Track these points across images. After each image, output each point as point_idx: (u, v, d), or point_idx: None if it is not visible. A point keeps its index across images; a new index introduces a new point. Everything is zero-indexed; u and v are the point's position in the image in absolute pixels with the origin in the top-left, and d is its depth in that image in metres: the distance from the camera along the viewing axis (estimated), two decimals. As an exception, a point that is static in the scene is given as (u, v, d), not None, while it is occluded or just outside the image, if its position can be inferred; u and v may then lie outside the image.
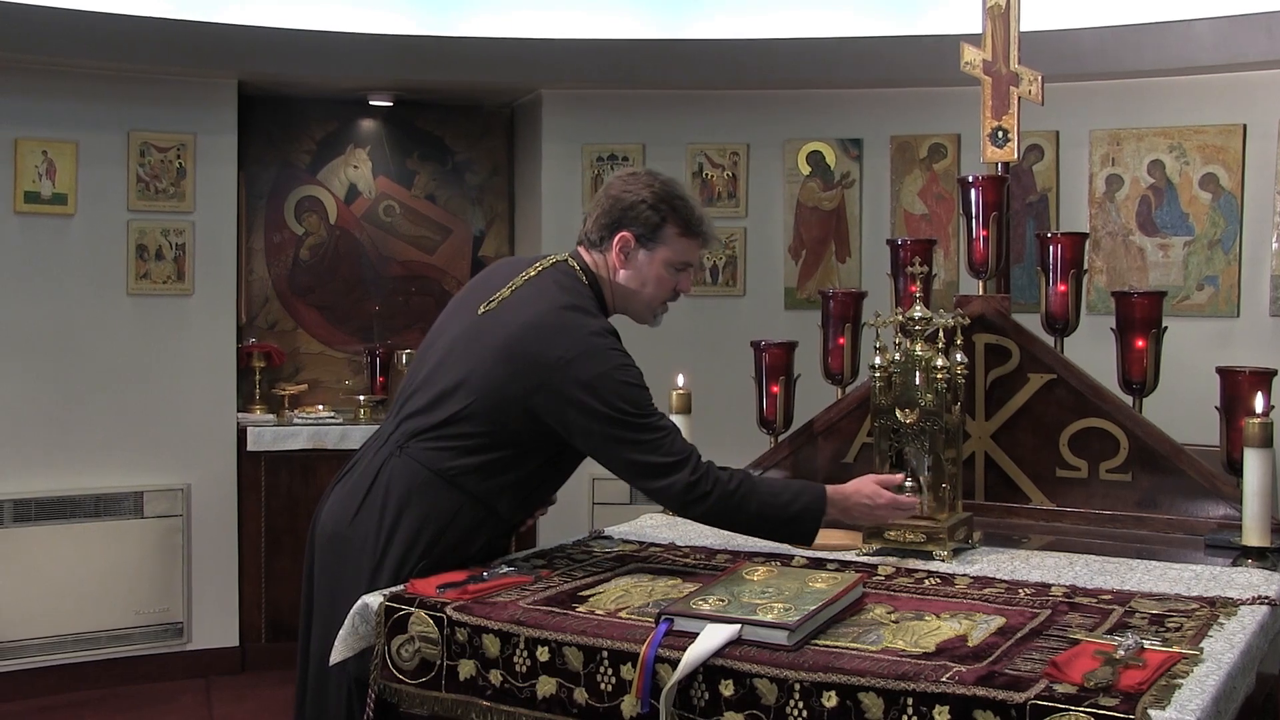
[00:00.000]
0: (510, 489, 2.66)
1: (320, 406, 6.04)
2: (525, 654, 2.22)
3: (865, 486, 2.78)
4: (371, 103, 6.27)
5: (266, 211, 6.17)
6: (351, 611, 2.44)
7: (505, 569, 2.57)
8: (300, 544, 2.98)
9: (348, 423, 5.87)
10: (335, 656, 2.44)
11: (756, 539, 2.76)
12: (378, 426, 2.88)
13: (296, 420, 5.85)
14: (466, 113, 6.43)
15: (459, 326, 2.72)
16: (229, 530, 5.71)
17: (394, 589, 2.46)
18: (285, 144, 6.19)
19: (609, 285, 2.78)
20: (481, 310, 2.70)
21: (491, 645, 2.26)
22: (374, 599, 2.42)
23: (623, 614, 2.28)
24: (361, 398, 6.04)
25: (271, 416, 5.88)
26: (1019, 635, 2.13)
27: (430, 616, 2.34)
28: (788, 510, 2.65)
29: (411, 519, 2.60)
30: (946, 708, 1.86)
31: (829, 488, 2.73)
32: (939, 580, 2.57)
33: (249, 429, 5.72)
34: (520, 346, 2.58)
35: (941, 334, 2.87)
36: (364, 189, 6.32)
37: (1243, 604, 2.37)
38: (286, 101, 6.13)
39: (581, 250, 2.82)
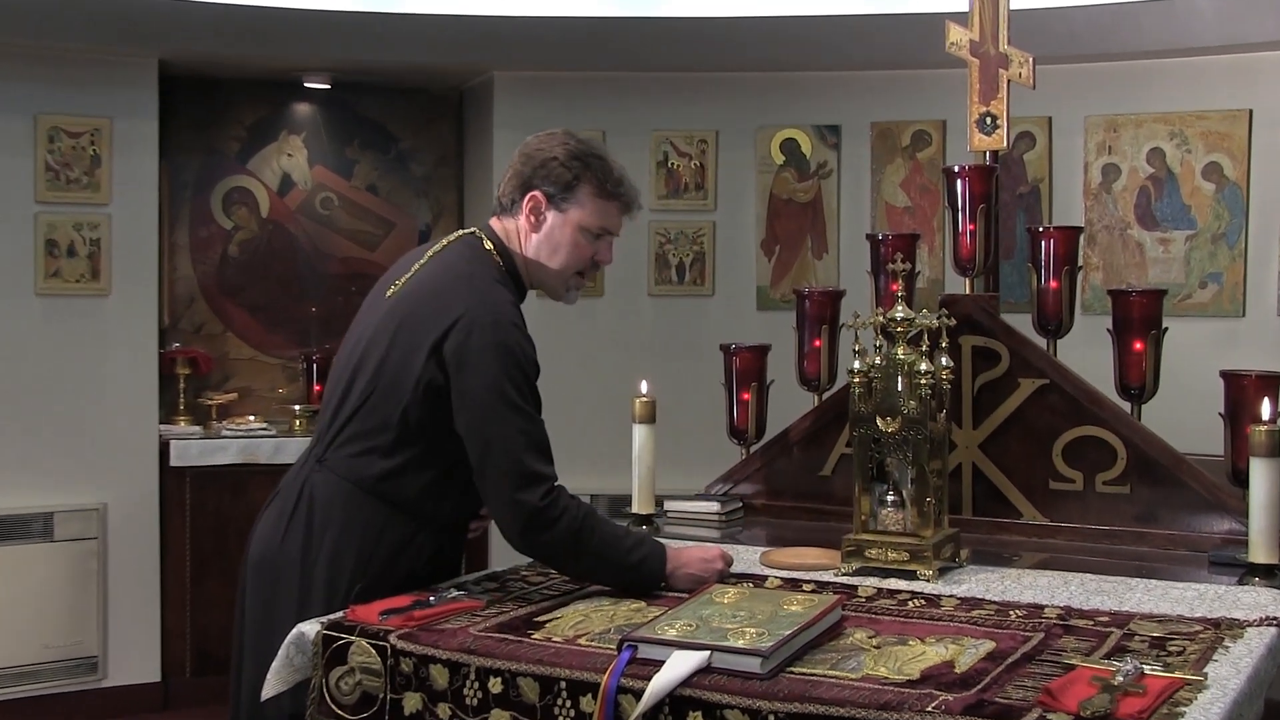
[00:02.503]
0: (436, 491, 2.64)
1: (251, 417, 6.01)
2: (476, 685, 2.21)
3: (701, 549, 2.76)
4: (307, 85, 6.25)
5: (191, 204, 6.13)
6: (286, 641, 2.42)
7: (454, 593, 2.56)
8: (230, 567, 2.97)
9: (282, 435, 5.84)
10: (268, 691, 2.43)
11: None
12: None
13: (225, 433, 5.81)
14: (411, 96, 6.42)
15: (370, 319, 2.73)
16: (150, 554, 5.66)
17: (332, 616, 2.45)
18: (212, 130, 6.16)
19: (520, 255, 2.78)
20: (388, 293, 2.72)
21: (440, 676, 2.25)
22: (310, 627, 2.41)
23: (582, 641, 2.28)
24: (297, 408, 6.01)
25: (198, 429, 5.85)
26: (1010, 661, 2.15)
27: (372, 646, 2.33)
28: (630, 557, 2.60)
29: (334, 538, 2.61)
30: (932, 739, 1.87)
31: (668, 546, 2.70)
32: (924, 602, 2.58)
33: (172, 442, 5.68)
34: (413, 318, 2.59)
35: (925, 336, 2.89)
36: (299, 179, 6.30)
37: (1250, 625, 2.39)
38: (213, 83, 6.10)
39: (494, 221, 2.81)
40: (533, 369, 2.60)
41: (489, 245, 2.76)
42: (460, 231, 2.83)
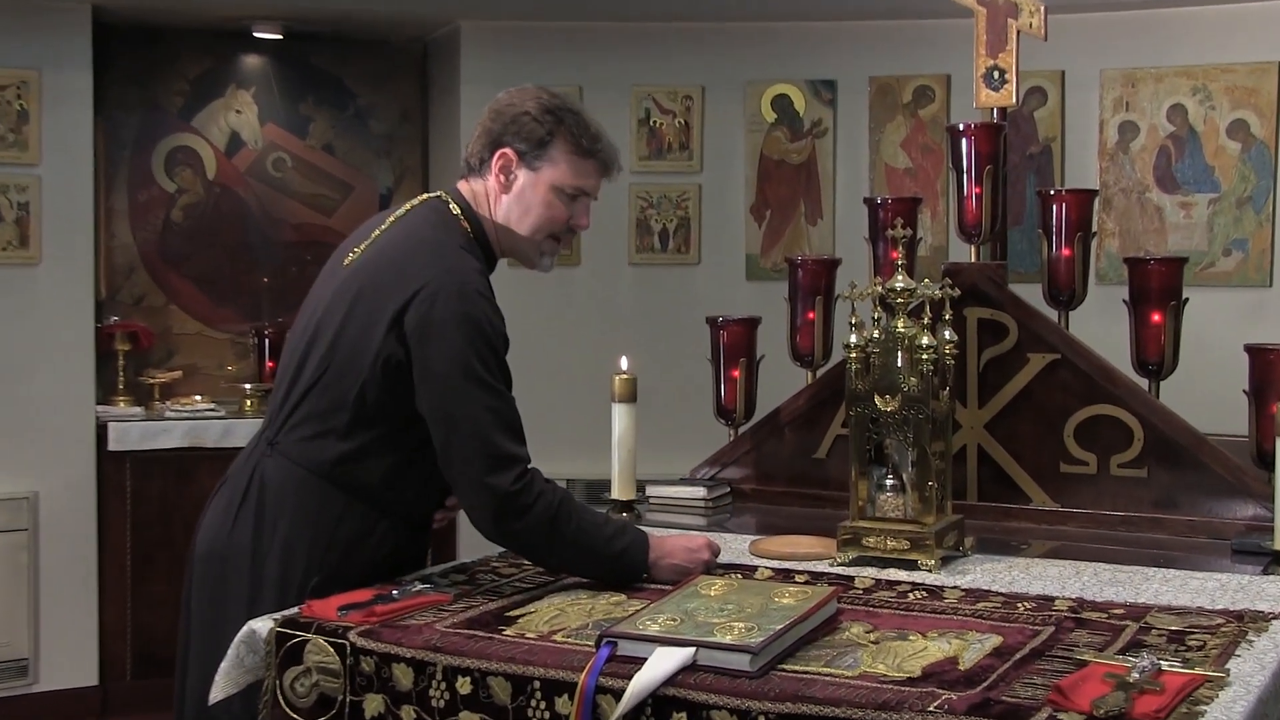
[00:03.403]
0: (397, 478, 2.65)
1: (198, 397, 6.00)
2: (443, 686, 2.22)
3: (686, 539, 2.76)
4: (256, 35, 6.21)
5: (130, 165, 6.10)
6: (235, 640, 2.42)
7: (419, 586, 2.56)
8: (176, 560, 2.97)
9: (231, 416, 5.83)
10: (217, 693, 2.43)
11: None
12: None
13: (169, 414, 5.80)
14: (370, 48, 6.39)
15: (327, 290, 2.72)
16: (87, 546, 5.65)
17: (287, 612, 2.45)
18: (152, 84, 6.12)
19: (490, 220, 2.78)
20: (346, 262, 2.71)
21: (403, 676, 2.26)
22: (262, 624, 2.41)
23: (557, 637, 2.28)
24: (248, 387, 6.00)
25: (139, 410, 5.83)
26: (1018, 656, 2.16)
27: (330, 644, 2.33)
28: (610, 546, 2.61)
29: (287, 527, 2.61)
30: (934, 741, 1.88)
31: (650, 534, 2.70)
32: (925, 594, 2.59)
33: (111, 425, 5.66)
34: (372, 288, 2.58)
35: (927, 308, 2.89)
36: (249, 138, 6.27)
37: (1275, 618, 2.40)
38: (153, 32, 6.06)
39: (461, 183, 2.81)
40: (501, 342, 2.59)
41: (456, 209, 2.75)
42: (425, 195, 2.83)
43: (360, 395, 2.59)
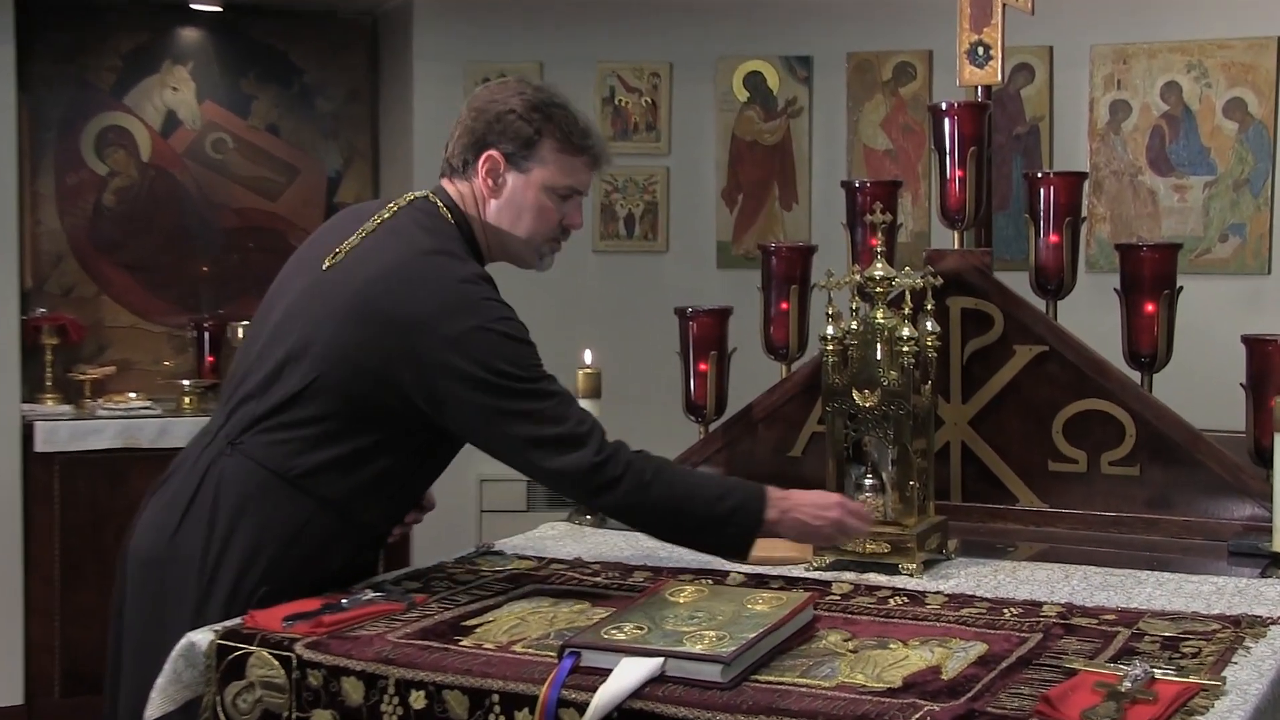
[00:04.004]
0: (371, 490, 2.65)
1: (132, 395, 5.97)
2: (396, 700, 2.22)
3: (817, 494, 2.80)
4: (194, 7, 6.19)
5: (58, 146, 6.06)
6: (173, 653, 2.41)
7: (370, 594, 2.56)
8: (108, 570, 2.95)
9: (168, 415, 5.80)
10: (153, 710, 2.41)
11: (682, 549, 2.78)
12: (207, 419, 2.86)
13: (101, 412, 5.77)
14: (317, 22, 6.36)
15: (299, 287, 2.71)
16: (11, 555, 5.61)
17: (228, 623, 2.44)
18: (81, 59, 6.08)
19: (479, 222, 2.78)
20: (327, 264, 2.69)
21: (353, 691, 2.25)
22: (202, 636, 2.40)
23: (518, 648, 2.29)
24: (186, 383, 5.98)
25: (68, 408, 5.80)
26: (1004, 665, 2.17)
27: (275, 657, 2.32)
28: (716, 509, 2.66)
29: (247, 533, 2.59)
30: (916, 755, 1.89)
31: (770, 488, 2.75)
32: (906, 599, 2.61)
33: (38, 424, 5.63)
34: (372, 304, 2.57)
35: (908, 297, 2.91)
36: (186, 118, 6.24)
37: (1274, 623, 2.42)
38: (82, 4, 6.02)
39: (445, 183, 2.81)
40: (518, 331, 2.61)
41: (445, 212, 2.75)
42: (410, 195, 2.80)
43: (353, 411, 2.59)
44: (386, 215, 2.74)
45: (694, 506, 2.65)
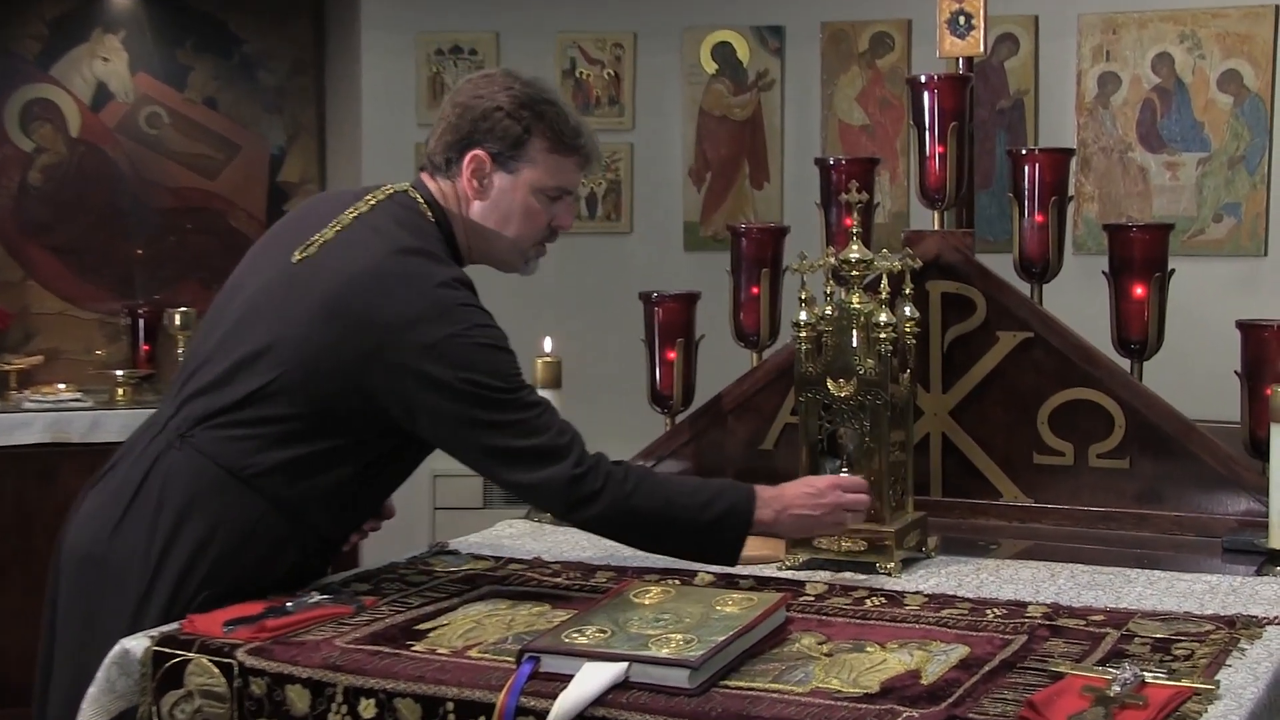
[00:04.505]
0: (329, 495, 2.64)
1: (62, 386, 5.93)
2: (344, 709, 2.21)
3: (804, 483, 2.82)
4: (126, -27, 6.15)
5: (-20, 121, 6.03)
6: (106, 661, 2.40)
7: (317, 597, 2.55)
8: (36, 572, 2.93)
9: (101, 407, 5.77)
10: (85, 721, 2.41)
11: (660, 556, 2.78)
12: (144, 412, 2.85)
13: (28, 405, 5.73)
14: (257, -12, 6.34)
15: (265, 277, 2.69)
16: (-66, 556, 5.59)
17: (166, 628, 2.43)
18: (3, 27, 6.03)
19: (461, 222, 2.78)
20: (297, 257, 2.67)
21: (299, 699, 2.25)
22: (137, 643, 2.39)
23: (473, 652, 2.29)
24: (120, 373, 5.94)
25: (-6, 400, 5.77)
26: (986, 669, 2.18)
27: (215, 664, 2.31)
28: (703, 515, 2.66)
29: (194, 532, 2.57)
30: (894, 764, 1.90)
31: (759, 487, 2.75)
32: (884, 600, 2.61)
33: (-40, 417, 5.60)
34: (346, 303, 2.57)
35: (886, 281, 2.91)
36: (118, 90, 6.20)
37: (1269, 624, 2.44)
38: (6, -30, 5.98)
39: (425, 178, 2.80)
40: (498, 340, 2.60)
41: (426, 210, 2.74)
42: (390, 188, 2.78)
43: (319, 412, 2.58)
44: (363, 208, 2.72)
45: (679, 514, 2.66)
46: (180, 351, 5.58)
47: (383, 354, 2.54)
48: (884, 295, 2.89)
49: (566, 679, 2.09)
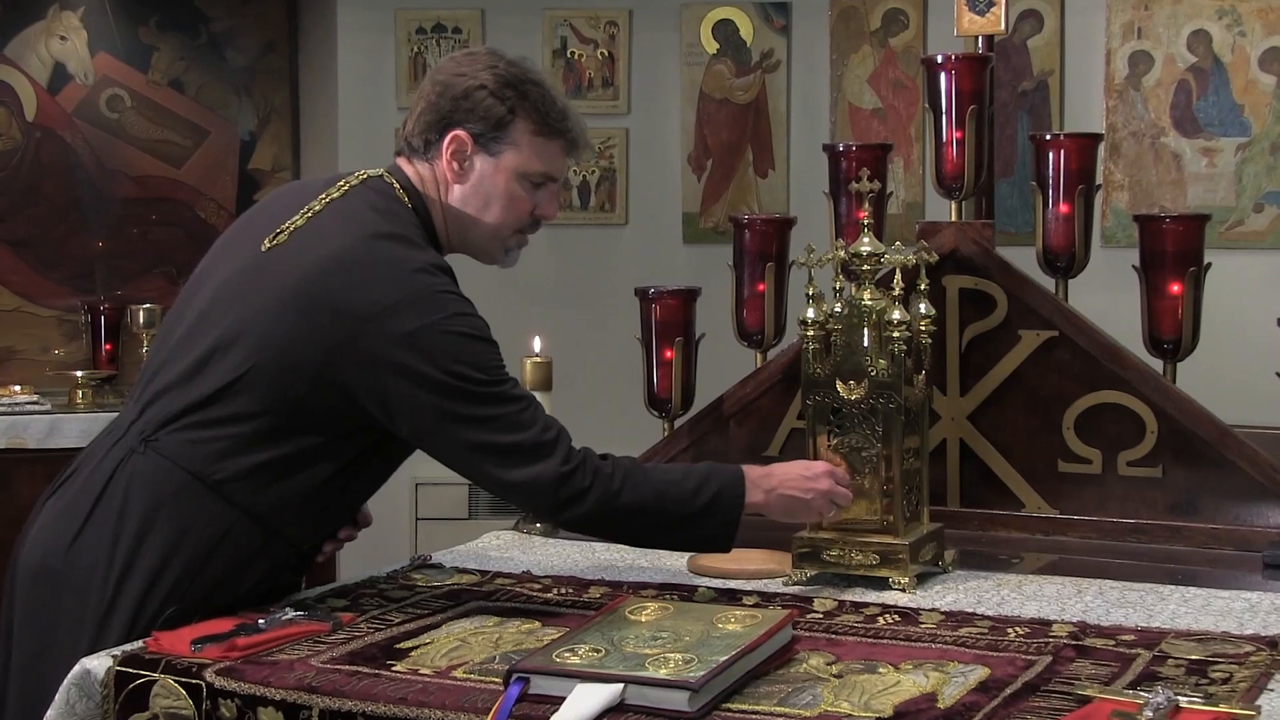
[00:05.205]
0: (302, 501, 2.65)
1: (17, 388, 5.93)
2: (319, 734, 2.22)
3: (801, 465, 2.86)
4: (85, -54, 6.15)
5: (-71, 104, 6.03)
6: (66, 682, 2.41)
7: (291, 614, 2.56)
8: (-9, 585, 2.93)
9: (59, 410, 5.76)
10: (43, 745, 2.42)
11: (643, 557, 2.79)
12: (105, 416, 2.85)
13: (-18, 408, 5.74)
14: (225, -39, 6.34)
15: (233, 267, 2.70)
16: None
17: (129, 647, 2.44)
18: (-45, 6, 6.05)
19: (440, 208, 2.79)
20: (267, 245, 2.68)
21: (271, 723, 2.26)
22: (99, 662, 2.39)
23: (458, 673, 2.29)
24: (79, 374, 5.94)
25: (-56, 403, 5.77)
26: (1008, 692, 2.18)
27: (182, 685, 2.32)
28: (694, 502, 2.69)
29: (159, 542, 2.58)
30: (908, 792, 1.91)
31: (747, 467, 2.79)
32: (898, 618, 2.62)
33: (-90, 422, 5.60)
34: (317, 290, 2.57)
35: (899, 276, 2.92)
36: (77, 71, 6.20)
37: (1310, 643, 2.46)
38: (-44, -58, 5.99)
39: (402, 162, 2.81)
40: (479, 329, 2.62)
41: (402, 194, 2.75)
42: (363, 174, 2.79)
43: (289, 409, 2.59)
44: (335, 194, 2.73)
45: (669, 505, 2.69)
46: (144, 351, 5.58)
47: (356, 344, 2.55)
48: (897, 291, 2.89)
49: (558, 701, 2.09)
